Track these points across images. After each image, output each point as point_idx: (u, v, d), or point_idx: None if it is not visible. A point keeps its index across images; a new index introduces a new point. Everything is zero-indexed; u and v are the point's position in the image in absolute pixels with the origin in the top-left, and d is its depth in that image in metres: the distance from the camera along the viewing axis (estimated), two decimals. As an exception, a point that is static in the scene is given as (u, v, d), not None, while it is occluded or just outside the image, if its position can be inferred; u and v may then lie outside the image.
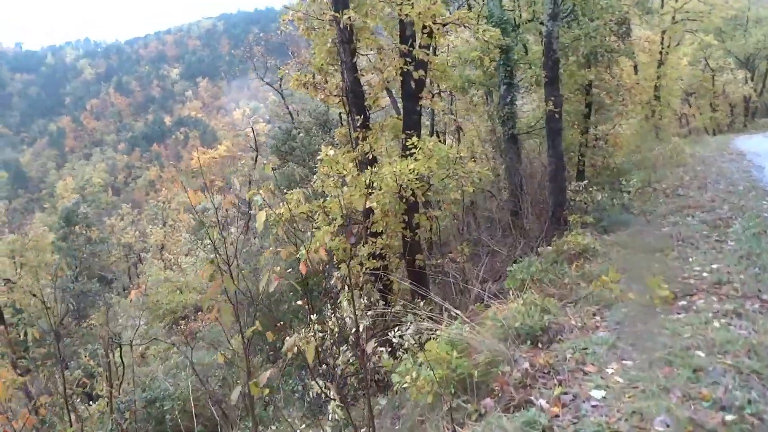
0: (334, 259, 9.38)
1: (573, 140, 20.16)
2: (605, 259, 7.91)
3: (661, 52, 30.46)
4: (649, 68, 30.85)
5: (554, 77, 12.23)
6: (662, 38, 30.59)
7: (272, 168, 9.50)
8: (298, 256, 8.16)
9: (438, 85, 12.22)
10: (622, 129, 27.08)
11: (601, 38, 16.65)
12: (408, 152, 7.74)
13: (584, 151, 19.70)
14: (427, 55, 8.34)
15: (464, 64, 14.55)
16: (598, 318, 5.11)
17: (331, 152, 7.13)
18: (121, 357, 8.83)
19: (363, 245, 8.41)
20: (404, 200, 7.79)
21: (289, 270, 9.22)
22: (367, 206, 7.54)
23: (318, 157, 7.21)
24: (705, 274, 6.35)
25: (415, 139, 7.72)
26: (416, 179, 7.20)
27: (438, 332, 4.83)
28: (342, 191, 7.11)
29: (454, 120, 20.77)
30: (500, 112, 13.85)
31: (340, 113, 16.60)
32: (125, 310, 20.97)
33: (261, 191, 4.62)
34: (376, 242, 8.22)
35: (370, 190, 7.13)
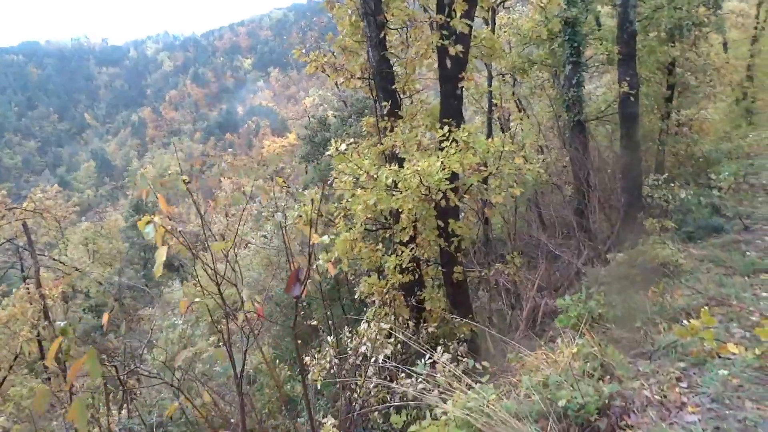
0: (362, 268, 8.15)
1: (652, 127, 17.89)
2: (692, 280, 6.22)
3: (756, 27, 27.15)
4: (741, 45, 27.65)
5: (630, 54, 10.38)
6: (758, 11, 27.23)
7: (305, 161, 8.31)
8: (318, 263, 6.88)
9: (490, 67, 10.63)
10: (708, 114, 24.33)
11: (688, 9, 14.43)
12: (443, 146, 6.36)
13: (665, 139, 17.41)
14: (469, 27, 6.88)
15: (524, 42, 12.82)
16: (684, 385, 3.60)
17: (343, 147, 5.87)
18: (119, 378, 7.99)
19: (390, 255, 7.11)
20: (435, 205, 6.43)
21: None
22: (390, 210, 6.26)
23: (327, 152, 5.99)
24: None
25: (446, 129, 6.29)
26: (446, 180, 5.83)
27: (450, 402, 3.49)
28: (355, 193, 5.85)
29: (518, 106, 18.98)
30: (565, 95, 12.06)
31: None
32: (172, 306, 20.64)
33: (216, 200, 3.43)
34: (403, 253, 6.91)
35: (390, 192, 5.83)
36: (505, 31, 13.28)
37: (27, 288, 19.94)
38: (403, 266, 6.92)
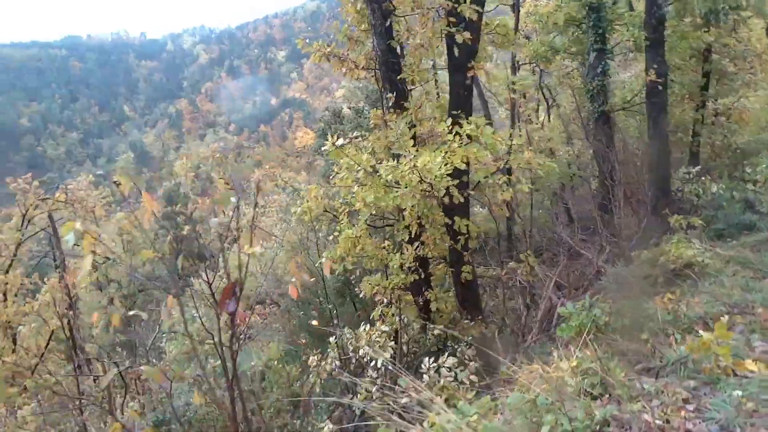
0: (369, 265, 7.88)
1: (685, 116, 17.06)
2: (715, 284, 5.75)
3: (802, 10, 25.68)
4: (786, 29, 26.26)
5: (658, 40, 9.80)
6: (805, -8, 25.78)
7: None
8: (321, 260, 6.65)
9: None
10: (749, 102, 23.20)
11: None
12: (447, 139, 6.01)
13: (699, 129, 16.57)
14: (478, 13, 6.50)
15: (545, 29, 12.26)
16: (691, 408, 3.23)
17: (340, 141, 5.59)
18: (121, 375, 7.95)
19: (396, 253, 6.82)
20: (439, 202, 6.11)
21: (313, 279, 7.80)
22: (392, 208, 5.97)
23: (323, 148, 5.70)
24: None
25: (449, 122, 5.92)
26: (448, 175, 5.49)
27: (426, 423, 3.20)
28: (353, 190, 5.57)
29: (545, 97, 18.37)
30: (589, 84, 11.50)
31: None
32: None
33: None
34: (408, 251, 6.61)
35: (389, 189, 5.53)
36: (529, 18, 12.75)
37: (59, 276, 20.37)
38: (407, 265, 6.63)
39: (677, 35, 12.21)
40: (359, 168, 5.49)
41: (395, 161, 5.61)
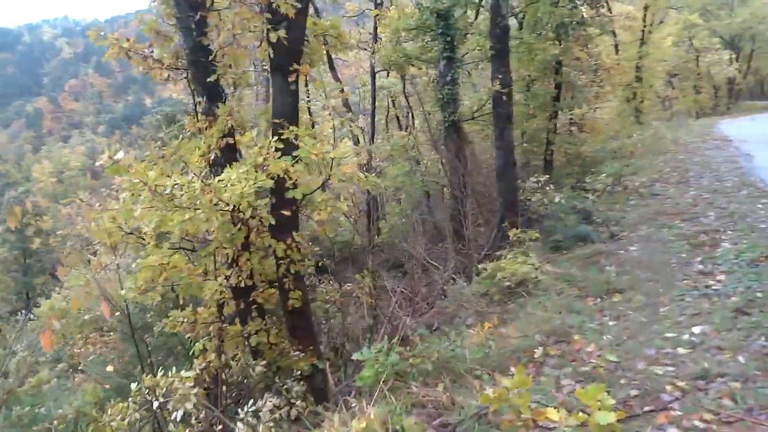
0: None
1: (540, 126, 17.75)
2: (540, 305, 5.53)
3: (643, 30, 28.14)
4: (630, 47, 28.62)
5: (503, 50, 9.75)
6: (644, 15, 28.24)
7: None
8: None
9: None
10: (599, 113, 24.84)
11: (569, 6, 14.18)
12: (252, 153, 5.27)
13: (552, 139, 17.27)
14: (297, 9, 5.83)
15: (397, 35, 11.97)
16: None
17: (120, 155, 4.63)
18: None
19: (214, 280, 5.96)
20: (243, 223, 5.35)
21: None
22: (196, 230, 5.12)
23: (98, 162, 4.75)
24: (681, 353, 3.99)
25: (254, 134, 5.18)
26: (254, 194, 4.76)
27: None
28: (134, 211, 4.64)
29: (409, 105, 18.28)
30: (439, 93, 11.33)
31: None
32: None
33: None
34: (223, 277, 5.78)
35: (178, 210, 4.67)
36: (380, 24, 12.41)
37: None
38: (216, 296, 5.81)
39: (524, 46, 12.42)
40: (144, 187, 4.58)
41: (173, 179, 4.73)
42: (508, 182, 10.06)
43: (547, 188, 10.25)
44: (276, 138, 5.53)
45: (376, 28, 14.18)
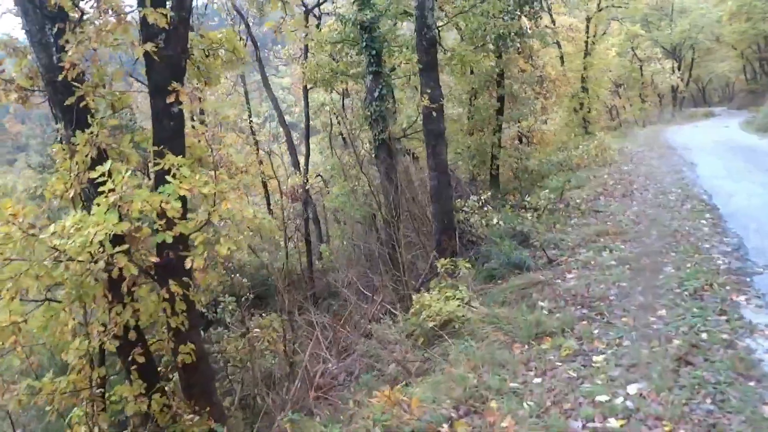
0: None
1: (485, 140, 17.25)
2: (463, 354, 4.76)
3: (586, 42, 28.28)
4: (575, 58, 28.74)
5: (431, 63, 9.09)
6: (587, 26, 28.41)
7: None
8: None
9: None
10: (546, 125, 24.67)
11: (507, 18, 13.73)
12: (102, 190, 4.36)
13: (497, 153, 16.78)
14: (165, 18, 4.96)
15: (321, 49, 11.19)
16: None
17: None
18: None
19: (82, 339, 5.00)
20: (95, 276, 4.44)
21: None
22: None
23: None
24: (612, 427, 3.27)
25: (106, 168, 4.29)
26: (115, 237, 3.89)
27: None
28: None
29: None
30: (367, 110, 10.57)
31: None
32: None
33: None
34: (92, 333, 4.85)
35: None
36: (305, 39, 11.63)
37: None
38: (80, 356, 4.86)
39: (457, 58, 11.84)
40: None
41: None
42: (444, 204, 9.37)
43: (486, 208, 9.60)
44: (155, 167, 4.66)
45: (307, 46, 13.42)
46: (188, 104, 5.46)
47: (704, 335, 4.37)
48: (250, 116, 20.24)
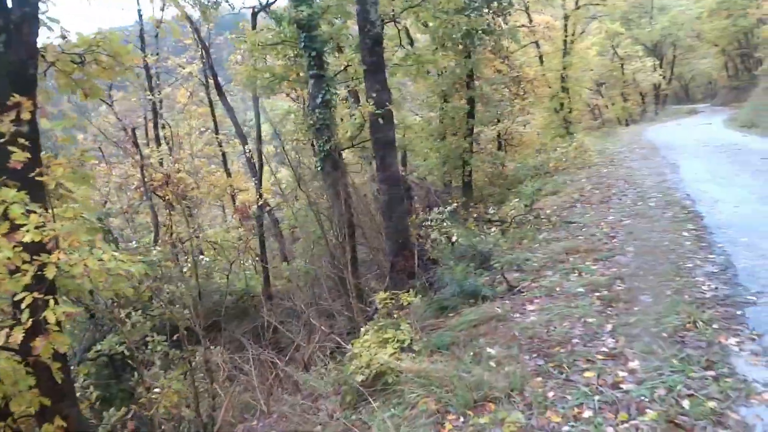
0: None
1: (457, 145, 16.27)
2: (390, 423, 3.72)
3: (565, 41, 27.41)
4: (554, 58, 27.85)
5: (376, 63, 8.06)
6: (565, 25, 27.53)
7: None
8: None
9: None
10: (525, 128, 23.79)
11: (474, 14, 12.79)
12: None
13: (468, 158, 15.79)
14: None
15: (256, 51, 10.09)
16: None
17: None
18: None
19: None
20: None
21: None
22: None
23: None
24: None
25: None
26: None
27: None
28: None
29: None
30: (310, 118, 9.49)
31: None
32: None
33: None
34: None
35: None
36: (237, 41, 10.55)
37: None
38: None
39: (412, 59, 10.80)
40: None
41: None
42: (398, 221, 8.34)
43: (444, 224, 8.58)
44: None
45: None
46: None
47: (686, 403, 3.36)
48: (216, 128, 19.22)
